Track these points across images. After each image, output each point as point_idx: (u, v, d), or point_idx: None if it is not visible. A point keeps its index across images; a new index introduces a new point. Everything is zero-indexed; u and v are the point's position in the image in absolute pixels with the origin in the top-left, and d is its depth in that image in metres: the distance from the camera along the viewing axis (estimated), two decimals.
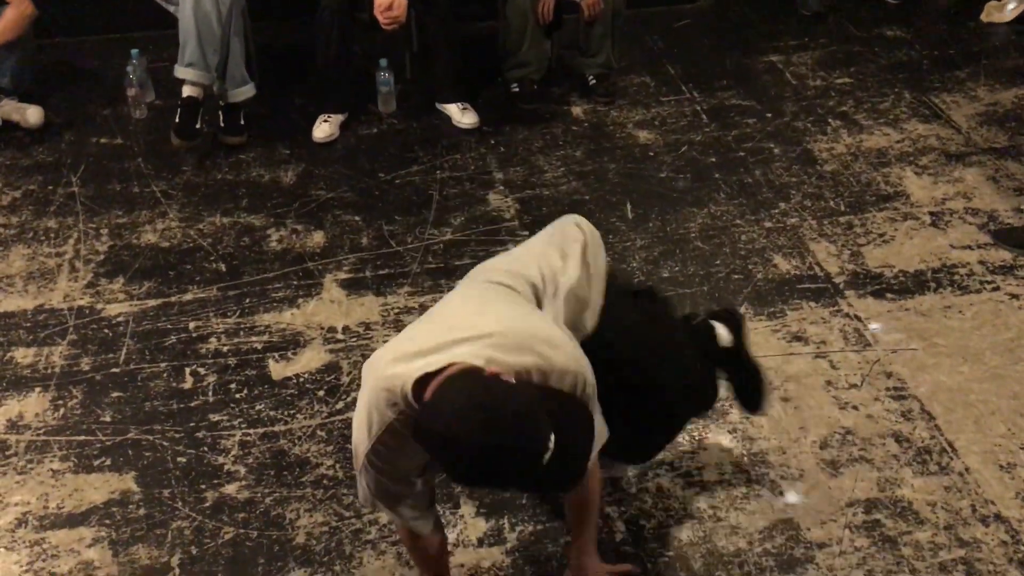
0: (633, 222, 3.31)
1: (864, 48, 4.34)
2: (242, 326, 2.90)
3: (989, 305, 2.91)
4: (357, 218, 3.35)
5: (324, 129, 3.75)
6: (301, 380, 2.71)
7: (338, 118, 3.81)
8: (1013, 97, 3.94)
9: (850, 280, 3.01)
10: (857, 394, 2.62)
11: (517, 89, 3.95)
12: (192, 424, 2.58)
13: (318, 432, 2.55)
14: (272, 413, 2.61)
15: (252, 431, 2.56)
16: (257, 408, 2.63)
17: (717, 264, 3.09)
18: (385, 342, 2.77)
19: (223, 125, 3.72)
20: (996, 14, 4.50)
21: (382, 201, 3.43)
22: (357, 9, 3.64)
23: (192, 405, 2.64)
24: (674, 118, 3.87)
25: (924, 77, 4.11)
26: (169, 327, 2.90)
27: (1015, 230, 3.17)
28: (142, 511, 2.36)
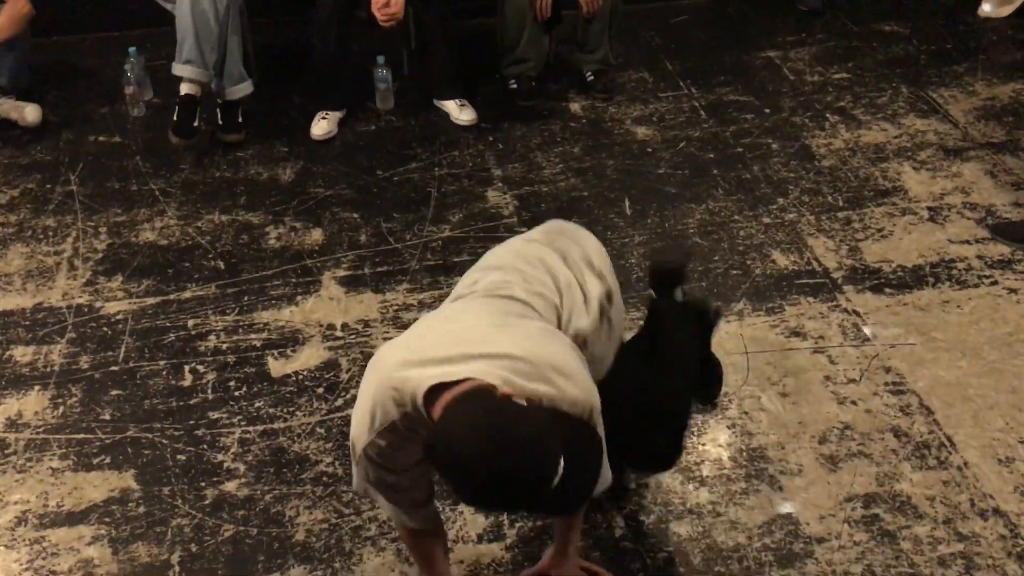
0: (631, 218, 3.31)
1: (862, 43, 4.34)
2: (241, 324, 2.90)
3: (987, 300, 2.91)
4: (355, 215, 3.35)
5: (322, 126, 3.75)
6: (300, 377, 2.71)
7: (336, 115, 3.80)
8: (1010, 92, 3.94)
9: (848, 275, 3.02)
10: (856, 389, 2.62)
11: (515, 86, 3.94)
12: (191, 422, 2.59)
13: (317, 429, 2.56)
14: (271, 410, 2.61)
15: (251, 428, 2.56)
16: (256, 405, 2.63)
17: (715, 260, 3.10)
18: (385, 339, 2.81)
19: (221, 123, 3.71)
20: (994, 9, 4.50)
21: (380, 198, 3.43)
22: (355, 6, 3.64)
23: (191, 403, 2.64)
24: (672, 114, 3.87)
25: (922, 72, 4.10)
26: (168, 325, 2.90)
27: (1013, 224, 3.17)
28: (142, 509, 2.36)
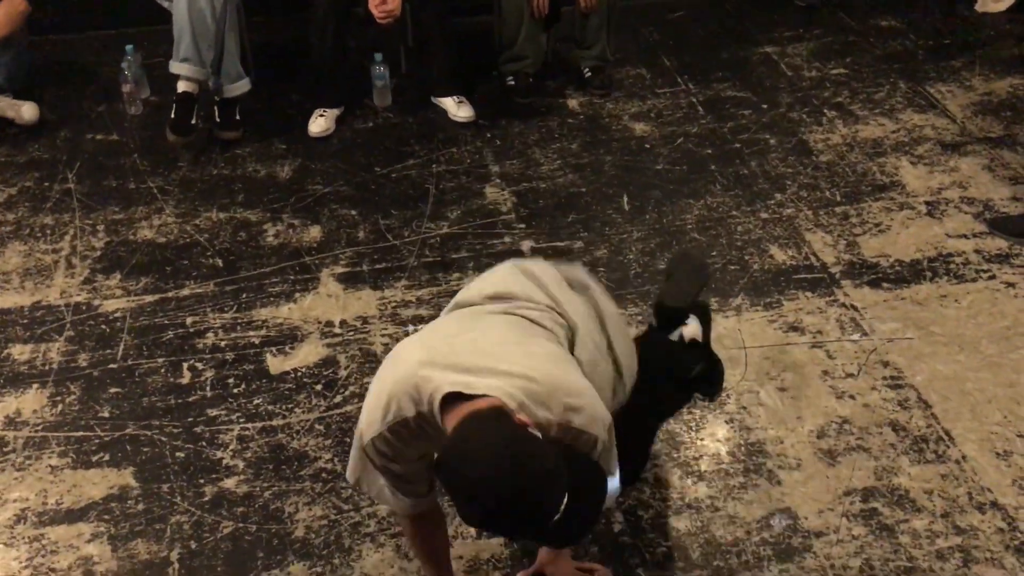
0: (630, 214, 3.31)
1: (859, 38, 4.34)
2: (239, 321, 2.90)
3: (985, 294, 2.92)
4: (353, 212, 3.35)
5: (320, 124, 3.75)
6: (299, 374, 2.71)
7: (334, 112, 3.80)
8: (1008, 86, 3.94)
9: (846, 270, 3.02)
10: (854, 383, 2.63)
11: (513, 82, 3.94)
12: (190, 419, 2.59)
13: (316, 426, 2.56)
14: (270, 407, 2.61)
15: (250, 425, 2.57)
16: (255, 402, 2.63)
17: (714, 255, 3.10)
18: (384, 335, 2.82)
19: (218, 120, 3.71)
20: (991, 3, 4.50)
21: (378, 195, 3.43)
22: (352, 3, 3.64)
23: (190, 400, 2.64)
24: (670, 110, 3.87)
25: (919, 67, 4.11)
26: (166, 322, 2.90)
27: (1011, 219, 3.17)
28: (141, 506, 2.36)
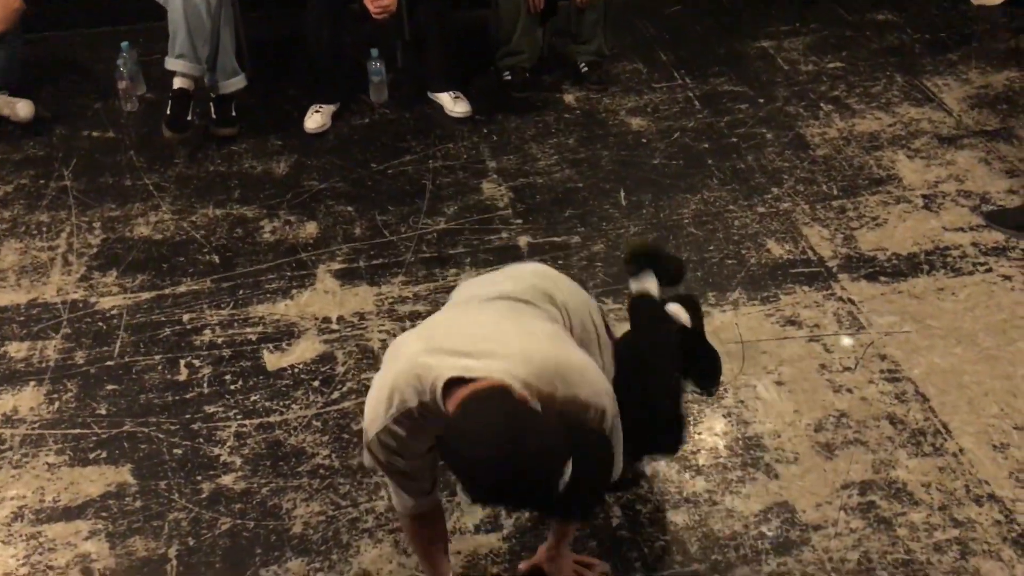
0: (626, 209, 3.31)
1: (855, 32, 4.34)
2: (236, 317, 2.89)
3: (982, 287, 2.92)
4: (350, 208, 3.34)
5: (316, 120, 3.74)
6: (296, 371, 2.71)
7: (330, 108, 3.79)
8: (1004, 80, 3.94)
9: (843, 264, 3.02)
10: (851, 377, 2.63)
11: (509, 77, 3.94)
12: (187, 416, 2.58)
13: (313, 422, 2.56)
14: (267, 404, 2.61)
15: (248, 422, 2.56)
16: (252, 399, 2.63)
17: (711, 250, 3.10)
18: (381, 331, 2.82)
19: (214, 117, 3.70)
20: None
21: (375, 191, 3.43)
22: None
23: (187, 397, 2.64)
24: (666, 105, 3.87)
25: (916, 61, 4.10)
26: (163, 319, 2.90)
27: (1008, 211, 3.17)
28: (138, 503, 2.36)
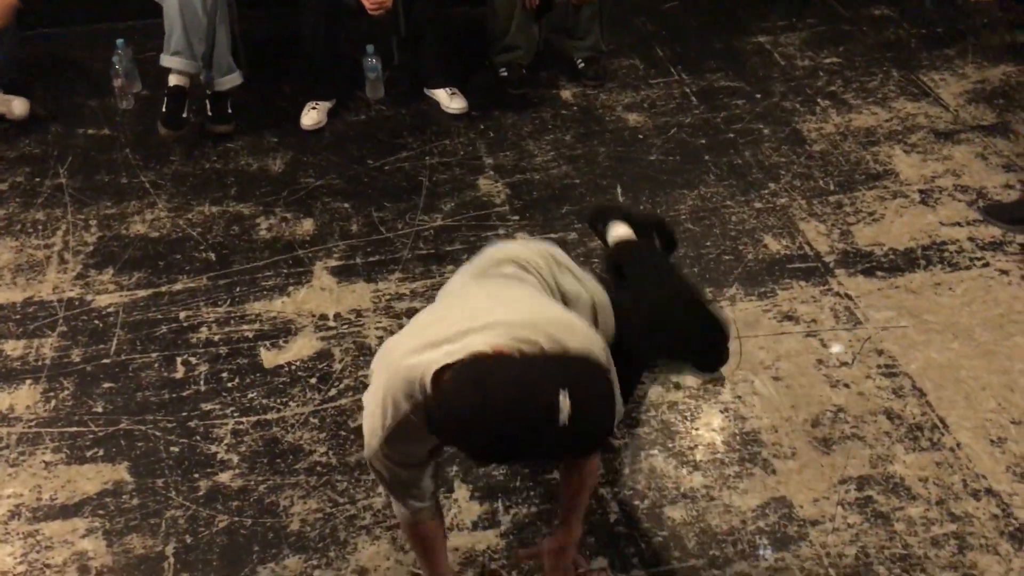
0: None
1: (852, 27, 4.34)
2: (233, 315, 2.89)
3: (979, 282, 2.92)
4: (346, 205, 3.34)
5: (312, 116, 3.73)
6: (293, 368, 2.71)
7: (326, 105, 3.79)
8: (1001, 74, 3.94)
9: (840, 259, 3.02)
10: (848, 372, 2.63)
11: (506, 73, 3.93)
12: (184, 413, 2.58)
13: (311, 419, 2.55)
14: (264, 401, 2.61)
15: (245, 419, 2.56)
16: (249, 396, 2.62)
17: (707, 245, 3.09)
18: (378, 328, 2.81)
19: (210, 114, 3.70)
20: None
21: (371, 188, 3.42)
22: None
23: (184, 395, 2.64)
24: (663, 100, 3.86)
25: (912, 56, 4.10)
26: (160, 317, 2.89)
27: (1005, 206, 3.17)
28: (135, 501, 2.36)
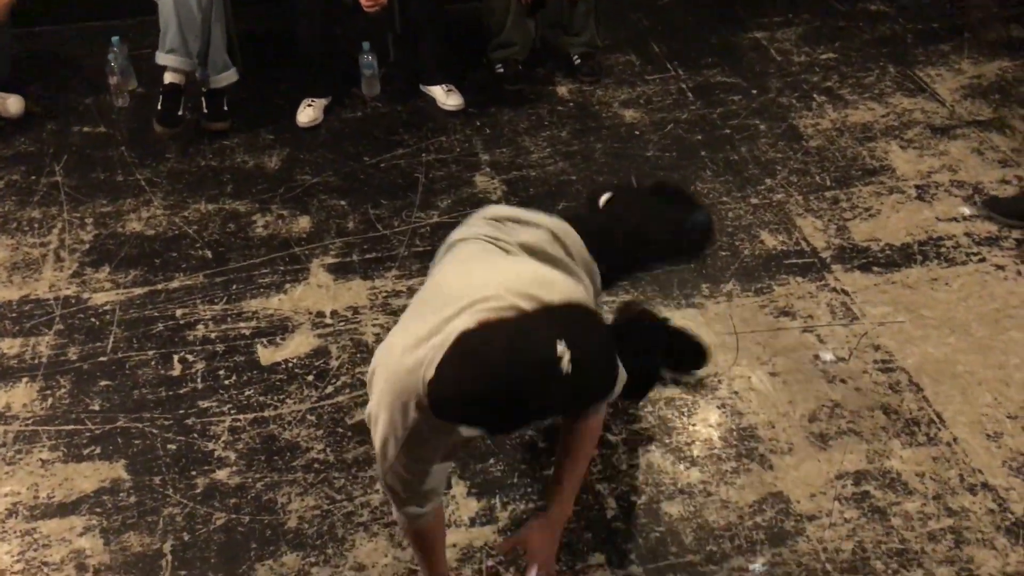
0: None
1: (848, 23, 4.33)
2: (229, 312, 2.89)
3: (975, 277, 2.92)
4: (343, 202, 3.34)
5: (308, 114, 3.73)
6: (290, 365, 2.71)
7: (322, 102, 3.78)
8: (996, 69, 3.94)
9: (837, 254, 3.02)
10: (845, 367, 2.63)
11: (502, 70, 3.93)
12: (181, 411, 2.58)
13: (308, 416, 2.55)
14: (261, 398, 2.61)
15: (242, 417, 2.56)
16: (246, 394, 2.62)
17: None
18: (375, 325, 2.81)
19: (206, 111, 3.69)
20: None
21: (368, 185, 3.42)
22: None
23: (181, 392, 2.64)
24: (659, 96, 3.86)
25: (908, 51, 4.10)
26: (156, 315, 2.89)
27: (1006, 200, 3.16)
28: (133, 499, 2.36)
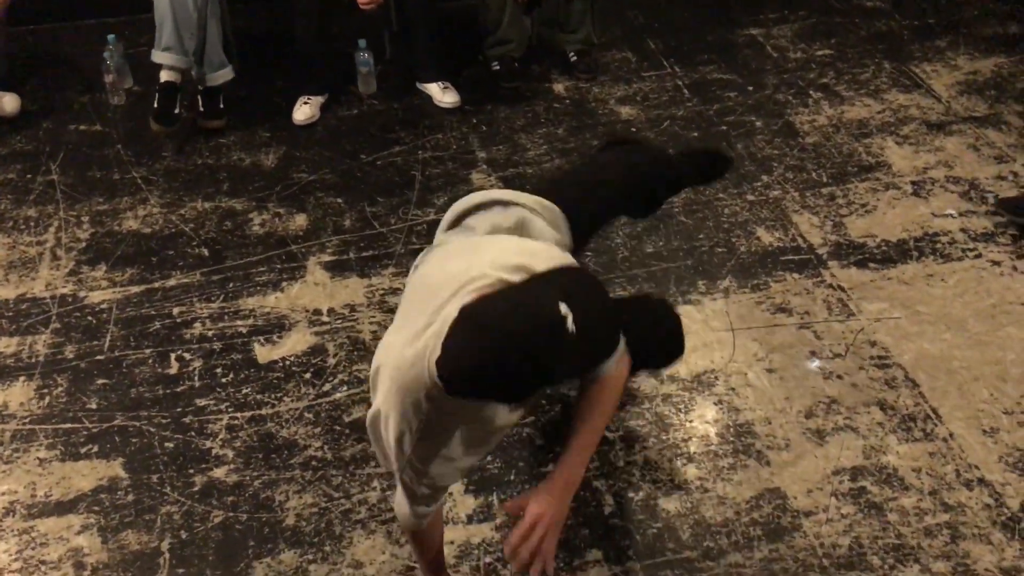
0: None
1: (844, 19, 4.34)
2: (226, 310, 2.89)
3: (971, 273, 2.93)
4: (340, 200, 3.34)
5: (304, 111, 3.73)
6: (287, 363, 2.71)
7: (318, 100, 3.78)
8: (992, 65, 3.95)
9: (833, 251, 3.02)
10: (841, 363, 2.63)
11: (498, 67, 3.92)
12: (179, 409, 2.58)
13: (305, 414, 2.55)
14: (259, 396, 2.61)
15: (239, 415, 2.56)
16: (244, 392, 2.62)
17: (700, 238, 3.10)
18: (372, 323, 2.81)
19: (202, 109, 3.69)
20: None
21: (364, 182, 3.42)
22: None
23: (178, 390, 2.64)
24: (656, 93, 3.86)
25: (904, 47, 4.11)
26: (153, 313, 2.89)
27: (1015, 199, 3.12)
28: (130, 497, 2.36)
